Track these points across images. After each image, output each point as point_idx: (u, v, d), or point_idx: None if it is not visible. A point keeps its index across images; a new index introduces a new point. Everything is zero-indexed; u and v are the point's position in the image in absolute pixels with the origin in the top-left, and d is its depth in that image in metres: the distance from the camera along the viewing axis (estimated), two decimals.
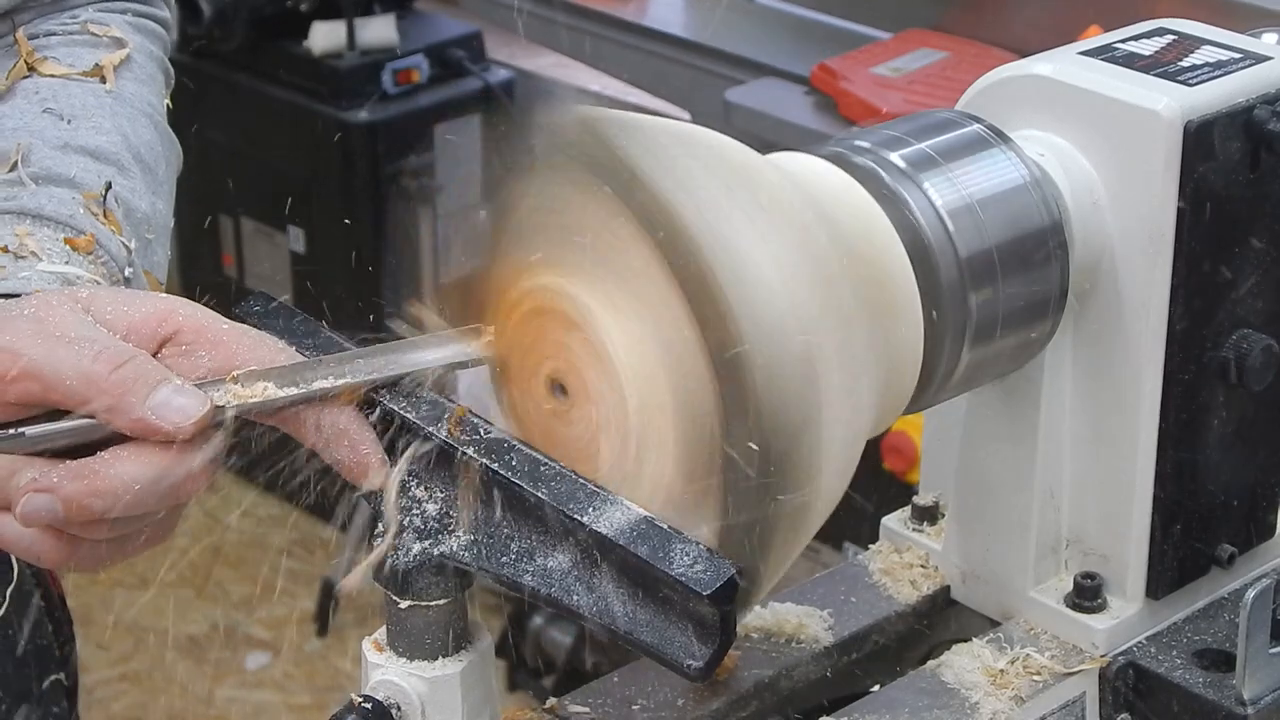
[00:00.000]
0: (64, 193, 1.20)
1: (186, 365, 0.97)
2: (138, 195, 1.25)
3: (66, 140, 1.24)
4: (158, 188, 1.29)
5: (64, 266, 1.14)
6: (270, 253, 3.78)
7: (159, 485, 0.95)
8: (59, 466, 0.94)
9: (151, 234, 1.25)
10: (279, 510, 3.85)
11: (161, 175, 1.31)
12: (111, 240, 1.19)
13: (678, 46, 3.21)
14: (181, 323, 0.98)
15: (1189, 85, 1.12)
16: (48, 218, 1.17)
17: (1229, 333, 1.16)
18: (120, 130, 1.27)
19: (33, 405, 0.95)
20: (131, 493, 0.94)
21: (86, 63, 1.31)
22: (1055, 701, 1.17)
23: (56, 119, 1.25)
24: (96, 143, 1.25)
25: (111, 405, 0.94)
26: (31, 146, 1.22)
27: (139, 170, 1.27)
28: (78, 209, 1.19)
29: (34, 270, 1.12)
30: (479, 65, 3.60)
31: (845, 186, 1.07)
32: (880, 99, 2.77)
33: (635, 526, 0.92)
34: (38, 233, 1.16)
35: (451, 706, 1.00)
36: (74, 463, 0.94)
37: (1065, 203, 1.13)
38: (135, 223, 1.23)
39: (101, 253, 1.18)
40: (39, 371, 0.94)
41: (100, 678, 3.46)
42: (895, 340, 1.05)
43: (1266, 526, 1.24)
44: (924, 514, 1.29)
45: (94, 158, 1.24)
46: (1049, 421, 1.18)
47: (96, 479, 0.94)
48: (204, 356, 0.97)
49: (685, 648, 0.91)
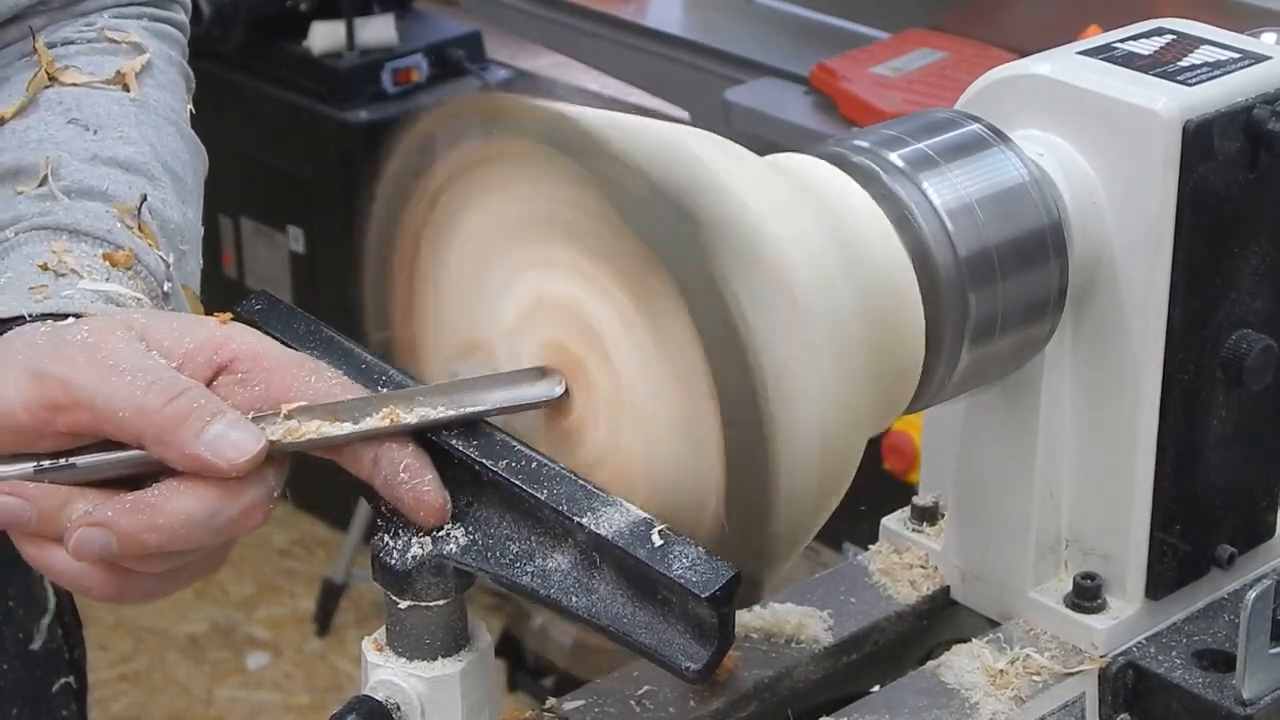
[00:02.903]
0: (98, 206, 1.17)
1: (242, 395, 0.95)
2: (169, 206, 1.23)
3: (95, 152, 1.21)
4: (187, 197, 1.27)
5: (105, 284, 1.11)
6: (270, 253, 3.78)
7: (214, 521, 0.93)
8: (112, 500, 0.93)
9: (185, 244, 1.23)
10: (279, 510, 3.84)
11: (190, 184, 1.28)
12: (149, 254, 1.17)
13: (677, 46, 3.21)
14: (237, 350, 0.96)
15: (1188, 85, 1.12)
16: (85, 233, 1.14)
17: (1228, 333, 1.16)
18: (147, 140, 1.25)
19: (84, 436, 0.94)
20: (186, 528, 0.92)
21: (108, 70, 1.28)
22: (1055, 702, 1.17)
23: (82, 129, 1.23)
24: (125, 153, 1.23)
25: (165, 440, 0.92)
26: (60, 160, 1.20)
27: (169, 180, 1.24)
28: (114, 223, 1.16)
29: (76, 289, 1.09)
30: (478, 65, 3.60)
31: (844, 187, 1.07)
32: (880, 99, 2.77)
33: (634, 528, 0.92)
34: (75, 249, 1.13)
35: (451, 707, 1.00)
36: (128, 496, 0.93)
37: (1064, 203, 1.13)
38: (169, 234, 1.21)
39: (140, 268, 1.15)
40: (91, 402, 0.92)
41: (100, 678, 3.46)
42: (895, 340, 1.05)
43: (1266, 526, 1.24)
44: (924, 514, 1.29)
45: (124, 169, 1.21)
46: (1049, 421, 1.18)
47: (151, 513, 0.92)
48: (259, 386, 0.95)
49: (684, 650, 0.91)
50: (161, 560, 0.95)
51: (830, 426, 0.96)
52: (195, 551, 0.96)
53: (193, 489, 0.93)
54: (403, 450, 0.95)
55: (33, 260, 1.12)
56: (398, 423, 0.95)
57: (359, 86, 3.56)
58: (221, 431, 0.92)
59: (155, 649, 3.58)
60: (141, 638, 3.60)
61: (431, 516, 0.96)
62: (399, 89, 3.58)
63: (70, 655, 1.42)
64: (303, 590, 3.71)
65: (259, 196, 3.75)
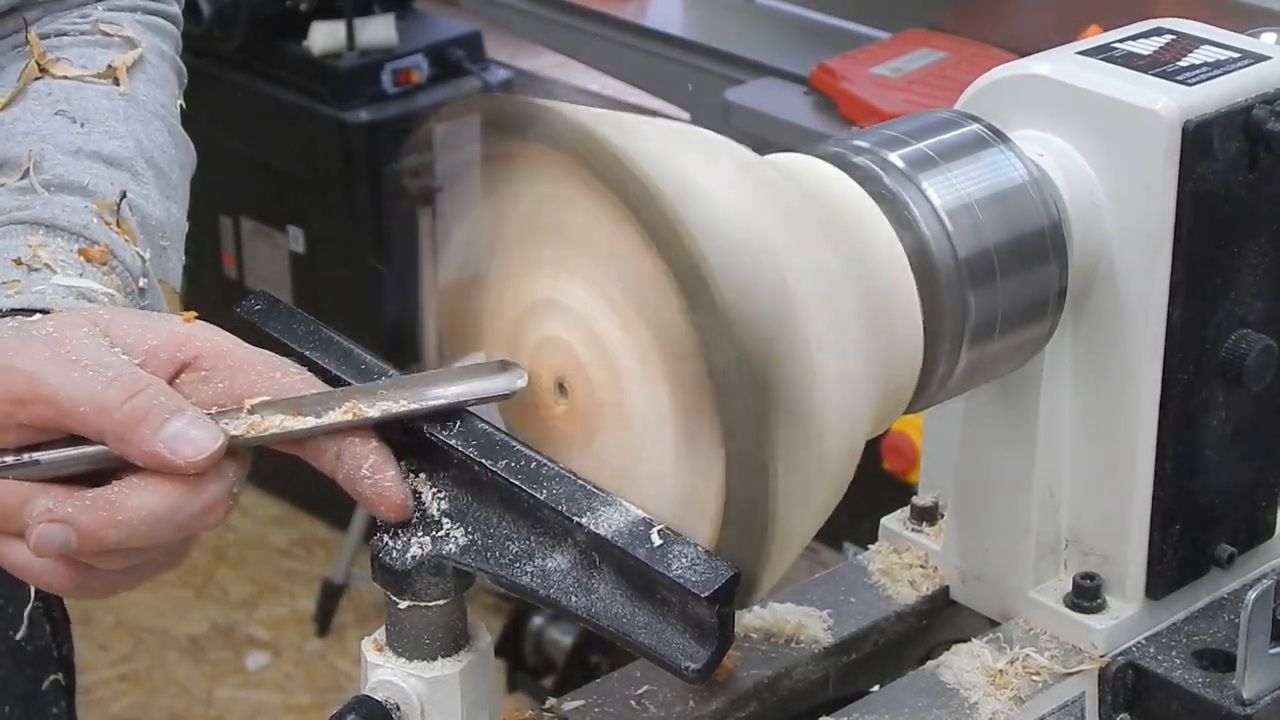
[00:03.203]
0: (77, 201, 1.18)
1: (204, 392, 0.96)
2: (151, 202, 1.23)
3: (80, 145, 1.22)
4: (171, 192, 1.27)
5: (79, 280, 1.11)
6: (270, 253, 3.78)
7: (175, 517, 0.93)
8: (73, 496, 0.93)
9: (166, 240, 1.23)
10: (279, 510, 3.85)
11: (175, 179, 1.29)
12: (126, 250, 1.17)
13: (677, 46, 3.21)
14: (200, 348, 0.97)
15: (1188, 85, 1.12)
16: (61, 228, 1.15)
17: (1228, 333, 1.16)
18: (134, 134, 1.26)
19: (47, 430, 0.94)
20: (146, 525, 0.93)
21: (99, 64, 1.29)
22: (1055, 702, 1.17)
23: (69, 121, 1.24)
24: (110, 148, 1.23)
25: (124, 436, 0.92)
26: (44, 153, 1.21)
27: (152, 175, 1.25)
28: (91, 218, 1.17)
29: (49, 284, 1.10)
30: (478, 65, 3.60)
31: (844, 186, 1.07)
32: (880, 99, 2.77)
33: (633, 528, 0.92)
34: (51, 244, 1.14)
35: (451, 707, 1.00)
36: (89, 493, 0.93)
37: (1064, 203, 1.13)
38: (149, 230, 1.22)
39: (116, 263, 1.16)
40: (54, 396, 0.93)
41: (100, 678, 3.46)
42: (894, 340, 1.05)
43: (1266, 526, 1.24)
44: (923, 514, 1.29)
45: (107, 164, 1.22)
46: (1048, 421, 1.18)
47: (111, 510, 0.92)
48: (222, 383, 0.96)
49: (683, 649, 0.91)
50: (122, 556, 0.95)
51: (829, 426, 0.96)
52: (156, 547, 0.96)
53: (153, 485, 0.93)
54: (365, 445, 0.96)
55: (7, 254, 1.12)
56: (360, 416, 0.95)
57: (359, 87, 3.56)
58: (180, 429, 0.93)
59: (155, 649, 3.58)
60: (141, 638, 3.60)
61: (392, 512, 0.96)
62: (399, 89, 3.58)
63: (59, 652, 1.43)
64: (303, 590, 3.71)
65: (259, 196, 3.76)
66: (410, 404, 0.97)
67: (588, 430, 0.99)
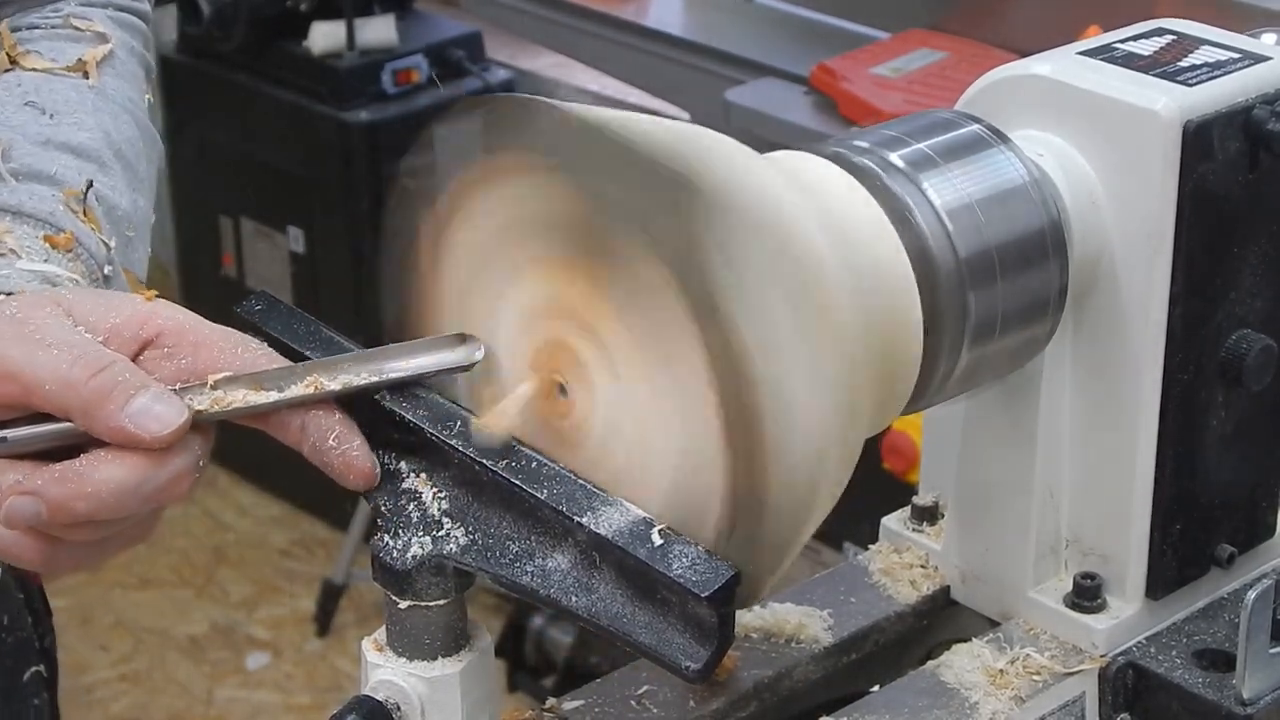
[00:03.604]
0: (44, 190, 1.20)
1: (168, 369, 0.97)
2: (118, 193, 1.25)
3: (48, 136, 1.24)
4: (138, 184, 1.29)
5: (43, 265, 1.13)
6: (270, 253, 3.78)
7: (142, 489, 0.95)
8: (42, 470, 0.95)
9: (132, 231, 1.25)
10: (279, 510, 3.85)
11: (142, 172, 1.31)
12: (91, 238, 1.19)
13: (677, 46, 3.21)
14: (163, 325, 0.98)
15: (1188, 85, 1.12)
16: (27, 215, 1.17)
17: (1228, 333, 1.16)
18: (102, 127, 1.27)
19: (14, 408, 0.95)
20: (115, 496, 0.94)
21: (69, 57, 1.31)
22: (1055, 701, 1.17)
23: (38, 113, 1.26)
24: (78, 139, 1.25)
25: (90, 413, 0.94)
26: (13, 142, 1.22)
27: (120, 167, 1.27)
28: (58, 206, 1.19)
29: (14, 268, 1.12)
30: (479, 65, 3.60)
31: (845, 186, 1.07)
32: (880, 99, 2.77)
33: (634, 527, 0.92)
34: (17, 230, 1.16)
35: (451, 706, 1.00)
36: (57, 466, 0.95)
37: (1064, 203, 1.13)
38: (115, 220, 1.23)
39: (81, 251, 1.17)
40: (19, 374, 0.94)
41: (100, 678, 3.46)
42: (894, 340, 1.05)
43: (1266, 526, 1.24)
44: (924, 514, 1.29)
45: (75, 155, 1.24)
46: (1049, 422, 1.18)
47: (80, 482, 0.94)
48: (185, 360, 0.97)
49: (683, 649, 0.91)
50: (91, 529, 0.97)
51: (829, 425, 0.96)
52: (124, 520, 0.97)
53: (120, 458, 0.94)
54: (329, 417, 0.97)
55: None
56: (321, 390, 0.97)
57: (359, 87, 3.56)
58: (145, 405, 0.94)
59: (155, 649, 3.58)
60: (141, 638, 3.60)
61: (361, 480, 0.97)
62: (399, 89, 3.58)
63: (40, 644, 1.44)
64: (303, 590, 3.71)
65: (259, 196, 3.76)
66: (370, 377, 0.98)
67: (588, 431, 0.99)
